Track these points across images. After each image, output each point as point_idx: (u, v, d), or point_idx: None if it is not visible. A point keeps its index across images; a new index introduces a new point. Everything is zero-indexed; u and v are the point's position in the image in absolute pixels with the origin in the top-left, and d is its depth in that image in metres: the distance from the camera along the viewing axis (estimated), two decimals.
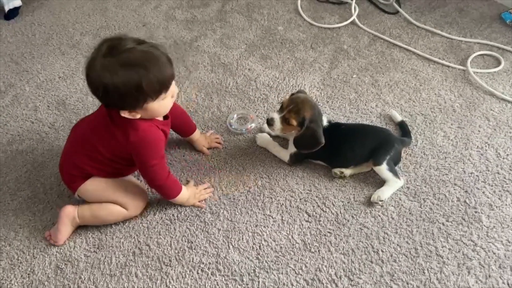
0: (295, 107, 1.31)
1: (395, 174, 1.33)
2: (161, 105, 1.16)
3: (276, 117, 1.33)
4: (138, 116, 1.15)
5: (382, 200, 1.29)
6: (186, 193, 1.32)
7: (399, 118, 1.51)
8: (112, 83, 1.05)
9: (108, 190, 1.28)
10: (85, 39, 2.04)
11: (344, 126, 1.42)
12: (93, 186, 1.28)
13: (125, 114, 1.13)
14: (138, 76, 1.05)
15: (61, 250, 1.27)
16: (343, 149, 1.36)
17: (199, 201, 1.35)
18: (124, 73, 1.05)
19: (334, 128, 1.39)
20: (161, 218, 1.33)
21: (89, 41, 2.03)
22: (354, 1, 2.06)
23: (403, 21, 1.99)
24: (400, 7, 2.03)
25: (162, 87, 1.11)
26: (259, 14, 2.11)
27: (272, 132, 1.43)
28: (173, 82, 1.16)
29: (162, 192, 1.31)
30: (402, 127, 1.49)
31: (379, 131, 1.40)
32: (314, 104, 1.36)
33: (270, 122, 1.34)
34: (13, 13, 2.21)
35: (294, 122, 1.31)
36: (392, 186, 1.32)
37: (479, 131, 1.50)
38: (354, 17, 2.00)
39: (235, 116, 1.60)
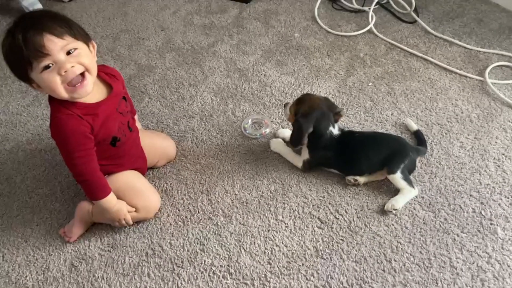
0: (300, 100, 1.37)
1: (410, 183, 1.32)
2: (43, 78, 1.06)
3: (289, 102, 1.42)
4: (44, 91, 1.10)
5: (396, 209, 1.29)
6: (114, 200, 1.24)
7: (415, 127, 1.50)
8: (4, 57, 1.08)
9: (119, 191, 1.28)
10: (105, 43, 2.08)
11: (358, 134, 1.42)
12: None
13: (34, 87, 1.11)
14: (9, 46, 1.05)
15: (76, 248, 1.30)
16: (357, 157, 1.35)
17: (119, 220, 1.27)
18: (4, 39, 1.06)
19: (348, 136, 1.39)
20: (174, 219, 1.34)
21: (109, 44, 2.07)
22: (371, 10, 2.06)
23: (421, 31, 1.98)
24: (418, 16, 2.03)
25: (21, 53, 1.02)
26: (276, 21, 2.12)
27: (285, 116, 1.48)
28: (68, 58, 1.06)
29: (86, 190, 1.22)
30: (418, 136, 1.48)
31: (394, 139, 1.39)
32: (318, 105, 1.34)
33: (285, 105, 1.44)
34: None
35: (292, 111, 1.38)
36: (406, 195, 1.31)
37: (496, 142, 1.48)
38: (371, 25, 2.00)
39: (249, 121, 1.61)
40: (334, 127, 1.36)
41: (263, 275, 1.20)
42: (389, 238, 1.25)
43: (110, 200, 1.23)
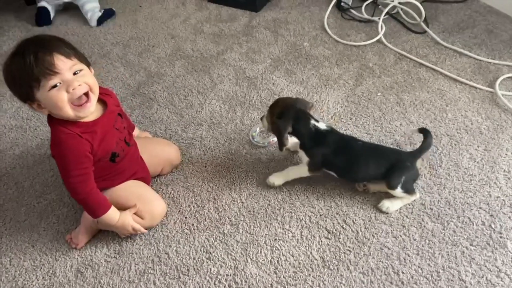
0: (273, 106, 1.37)
1: (411, 192, 1.32)
2: (51, 97, 1.08)
3: (265, 114, 1.42)
4: (46, 112, 1.14)
5: (389, 212, 1.32)
6: (116, 215, 1.24)
7: (416, 129, 1.44)
8: (4, 78, 1.10)
9: (123, 201, 1.28)
10: (116, 49, 2.10)
11: (362, 143, 1.40)
12: (110, 194, 1.28)
13: (35, 107, 1.13)
14: (15, 65, 1.07)
15: (83, 254, 1.30)
16: (357, 164, 1.33)
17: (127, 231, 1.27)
18: (7, 60, 1.09)
19: (351, 141, 1.37)
20: (181, 227, 1.34)
21: (119, 51, 2.09)
22: (381, 20, 2.06)
23: (431, 41, 1.98)
24: (428, 26, 2.03)
25: (30, 74, 1.05)
26: (285, 30, 2.13)
27: (264, 129, 1.49)
28: (74, 77, 1.11)
29: (85, 208, 1.24)
30: (423, 132, 1.39)
31: (394, 152, 1.38)
32: (290, 105, 1.34)
33: (262, 119, 1.43)
34: (41, 18, 2.31)
35: (268, 119, 1.37)
36: (405, 201, 1.33)
37: (506, 154, 1.46)
38: (380, 35, 2.00)
39: (257, 129, 1.61)
40: (317, 121, 1.34)
41: (269, 285, 1.19)
42: (397, 250, 1.24)
43: (111, 216, 1.23)
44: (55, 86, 1.08)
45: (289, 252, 1.26)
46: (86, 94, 1.14)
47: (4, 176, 1.55)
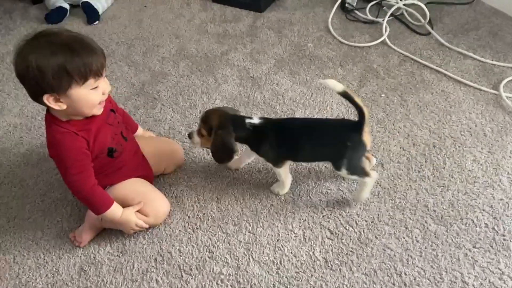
0: (204, 118, 1.30)
1: (361, 172, 1.28)
2: (88, 96, 1.10)
3: (194, 130, 1.34)
4: (64, 106, 1.09)
5: (362, 201, 1.34)
6: (119, 211, 1.25)
7: (340, 87, 1.19)
8: (36, 63, 1.03)
9: (127, 199, 1.29)
10: (120, 49, 2.11)
11: (300, 122, 1.35)
12: (114, 192, 1.29)
13: (49, 101, 1.07)
14: (64, 56, 1.04)
15: (86, 252, 1.30)
16: (304, 144, 1.28)
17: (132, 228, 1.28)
18: (47, 52, 1.03)
19: (288, 124, 1.34)
20: (184, 226, 1.34)
21: (124, 51, 2.10)
22: (385, 21, 2.06)
23: (435, 43, 1.97)
24: (432, 28, 2.02)
25: (88, 71, 1.07)
26: (289, 31, 2.13)
27: (194, 146, 1.40)
28: (106, 80, 1.14)
29: (88, 205, 1.25)
30: (345, 96, 1.20)
31: (333, 131, 1.29)
32: (224, 113, 1.30)
33: (189, 136, 1.35)
34: (55, 16, 2.32)
35: (204, 132, 1.30)
36: (364, 185, 1.30)
37: (510, 156, 1.46)
38: (384, 36, 2.00)
39: None
40: (251, 118, 1.30)
41: (272, 285, 1.19)
42: (399, 251, 1.24)
43: (114, 212, 1.24)
44: (96, 87, 1.11)
45: (291, 253, 1.26)
46: None
47: (9, 174, 1.56)
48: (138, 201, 1.29)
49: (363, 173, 1.28)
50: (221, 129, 1.26)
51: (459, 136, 1.54)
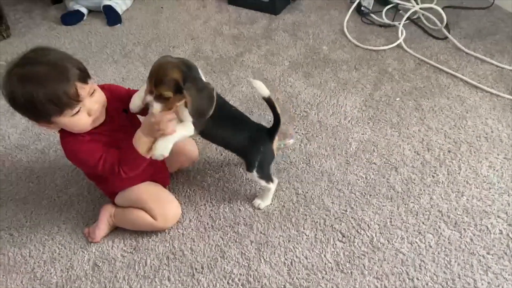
0: (157, 79, 1.08)
1: (267, 178, 1.31)
2: (72, 122, 1.11)
3: (150, 99, 1.10)
4: (58, 128, 1.14)
5: (261, 208, 1.37)
6: (139, 133, 1.15)
7: (266, 92, 1.20)
8: (12, 94, 1.05)
9: (137, 201, 1.30)
10: (137, 49, 2.14)
11: (234, 109, 1.29)
12: (128, 194, 1.31)
13: (41, 125, 1.13)
14: (31, 92, 1.03)
15: (100, 248, 1.32)
16: (226, 130, 1.25)
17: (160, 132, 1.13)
18: (21, 85, 1.04)
19: (226, 106, 1.27)
20: (196, 225, 1.36)
21: (140, 51, 2.12)
22: (401, 25, 2.05)
23: (452, 47, 1.96)
24: (449, 32, 2.01)
25: (57, 104, 1.06)
26: (304, 33, 2.14)
27: (155, 116, 1.11)
28: (90, 99, 1.12)
29: (132, 164, 1.18)
30: (269, 104, 1.21)
31: (256, 129, 1.29)
32: (177, 62, 1.11)
33: (154, 100, 1.10)
34: (70, 18, 2.36)
35: (170, 93, 1.07)
36: (269, 191, 1.35)
37: None
38: (400, 40, 1.99)
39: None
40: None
41: (282, 286, 1.19)
42: (412, 256, 1.23)
43: (139, 136, 1.15)
44: (77, 112, 1.10)
45: (302, 254, 1.26)
46: None
47: (27, 169, 1.59)
48: (149, 203, 1.29)
49: (270, 180, 1.33)
50: (195, 80, 1.10)
51: (475, 142, 1.53)
